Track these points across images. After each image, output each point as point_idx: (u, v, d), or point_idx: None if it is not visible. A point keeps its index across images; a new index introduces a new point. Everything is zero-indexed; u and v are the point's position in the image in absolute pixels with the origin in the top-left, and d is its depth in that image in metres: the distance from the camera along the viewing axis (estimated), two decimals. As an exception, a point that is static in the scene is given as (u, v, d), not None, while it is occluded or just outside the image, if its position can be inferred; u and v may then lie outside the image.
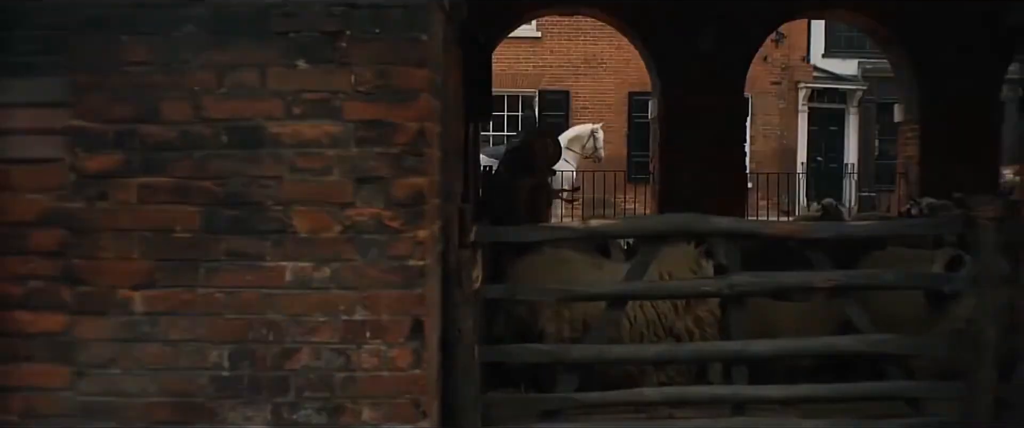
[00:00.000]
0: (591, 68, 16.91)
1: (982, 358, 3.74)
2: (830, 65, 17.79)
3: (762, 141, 17.60)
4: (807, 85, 17.61)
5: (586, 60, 16.79)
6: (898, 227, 3.93)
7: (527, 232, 3.89)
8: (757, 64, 17.46)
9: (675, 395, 3.78)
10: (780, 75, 17.43)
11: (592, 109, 17.21)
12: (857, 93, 18.15)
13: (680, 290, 3.85)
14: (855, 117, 18.21)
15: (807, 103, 17.79)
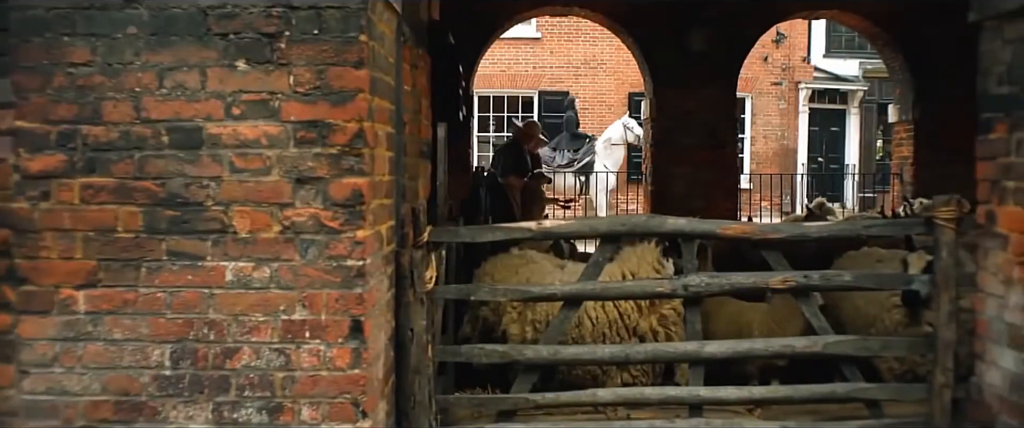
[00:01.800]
0: (591, 69, 16.88)
1: (940, 359, 3.72)
2: (831, 65, 17.67)
3: (762, 142, 17.51)
4: (808, 85, 17.51)
5: (586, 61, 16.77)
6: (856, 228, 3.90)
7: (481, 232, 3.88)
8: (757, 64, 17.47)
9: (630, 396, 3.77)
10: (780, 75, 17.33)
11: (592, 110, 17.19)
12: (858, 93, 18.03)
13: (633, 290, 3.84)
14: (856, 117, 18.07)
15: (808, 103, 17.68)
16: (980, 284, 3.68)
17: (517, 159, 9.00)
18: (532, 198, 8.44)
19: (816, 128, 17.94)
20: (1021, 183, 3.39)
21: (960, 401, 3.77)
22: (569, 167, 15.05)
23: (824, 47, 17.85)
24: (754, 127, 17.54)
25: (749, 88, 17.37)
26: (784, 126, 17.54)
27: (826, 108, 18.03)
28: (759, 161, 17.30)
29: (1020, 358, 3.39)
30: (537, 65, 17.23)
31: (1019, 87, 3.42)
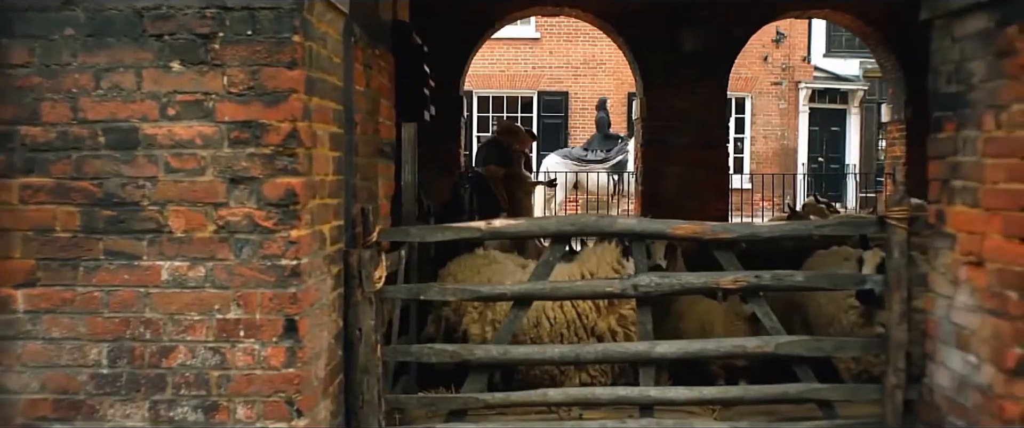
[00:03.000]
0: (590, 69, 16.86)
1: (891, 360, 3.69)
2: (831, 65, 17.56)
3: (762, 142, 17.43)
4: (808, 85, 17.41)
5: (585, 61, 16.75)
6: (808, 228, 3.87)
7: (431, 232, 3.89)
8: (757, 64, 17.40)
9: (580, 396, 3.76)
10: (780, 75, 17.25)
11: (591, 110, 17.15)
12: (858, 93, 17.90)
13: (583, 290, 3.83)
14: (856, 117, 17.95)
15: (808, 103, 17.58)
16: (930, 284, 3.65)
17: (499, 153, 9.00)
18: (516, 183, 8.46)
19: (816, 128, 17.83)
20: (968, 182, 3.36)
21: (913, 402, 3.74)
22: (602, 164, 15.01)
23: (824, 47, 17.75)
24: (754, 127, 17.46)
25: (749, 88, 17.30)
26: (784, 126, 17.45)
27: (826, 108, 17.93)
28: (759, 161, 17.22)
29: (966, 359, 3.36)
30: (536, 65, 17.22)
31: (966, 86, 3.39)
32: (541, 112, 17.35)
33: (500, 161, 8.84)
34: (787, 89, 17.28)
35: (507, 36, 17.02)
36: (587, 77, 17.04)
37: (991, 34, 3.20)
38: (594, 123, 16.36)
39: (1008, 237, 3.09)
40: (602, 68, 16.73)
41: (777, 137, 17.40)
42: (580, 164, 15.06)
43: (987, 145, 3.23)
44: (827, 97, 17.82)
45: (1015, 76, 3.06)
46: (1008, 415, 3.08)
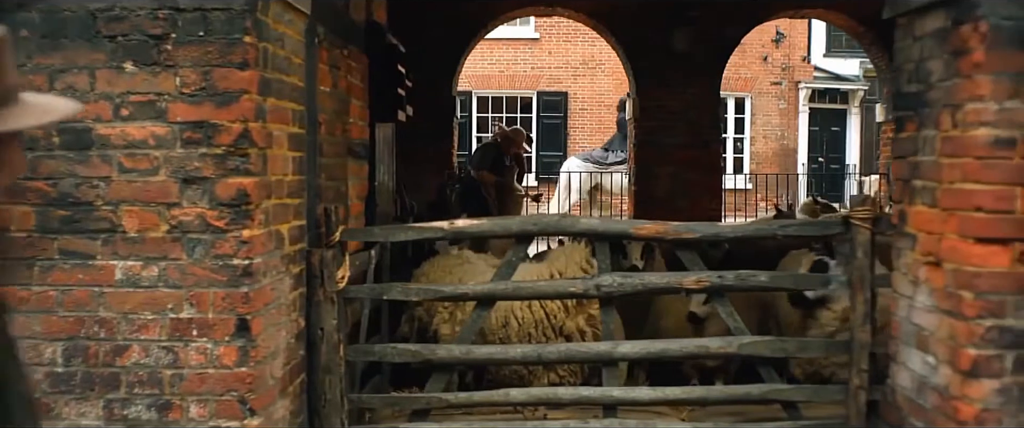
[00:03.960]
0: (589, 69, 16.84)
1: (855, 361, 3.68)
2: (831, 65, 17.48)
3: (762, 142, 17.37)
4: (808, 85, 17.33)
5: (584, 61, 16.73)
6: (772, 228, 3.86)
7: (395, 232, 3.90)
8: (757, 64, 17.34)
9: (543, 396, 3.76)
10: (780, 75, 17.18)
11: (590, 110, 17.15)
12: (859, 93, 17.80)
13: (546, 290, 3.83)
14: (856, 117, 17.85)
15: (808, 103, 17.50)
16: (893, 285, 3.63)
17: (494, 158, 9.02)
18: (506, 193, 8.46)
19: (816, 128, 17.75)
20: (927, 182, 3.34)
21: (877, 403, 3.72)
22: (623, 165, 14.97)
23: (824, 47, 17.66)
24: (754, 127, 17.40)
25: (749, 88, 17.24)
26: (784, 126, 17.39)
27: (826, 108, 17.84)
28: (759, 161, 17.16)
29: (924, 360, 3.35)
30: (535, 65, 17.22)
31: (926, 85, 3.38)
32: (540, 112, 17.34)
33: (494, 167, 8.83)
34: (787, 89, 17.22)
35: (506, 36, 17.04)
36: (586, 77, 17.02)
37: (948, 33, 3.19)
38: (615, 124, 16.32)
39: (963, 237, 3.07)
40: (601, 68, 16.70)
41: (777, 137, 17.33)
42: (600, 166, 15.03)
43: (944, 144, 3.22)
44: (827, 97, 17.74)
45: (969, 75, 3.05)
46: (962, 417, 3.07)
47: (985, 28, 2.96)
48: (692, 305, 4.35)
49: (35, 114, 1.23)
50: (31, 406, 1.36)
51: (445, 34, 9.83)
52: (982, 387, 3.02)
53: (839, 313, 4.02)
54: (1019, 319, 3.01)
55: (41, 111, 1.25)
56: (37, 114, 1.24)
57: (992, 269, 3.00)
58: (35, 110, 1.24)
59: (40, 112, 1.24)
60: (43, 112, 1.25)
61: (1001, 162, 2.99)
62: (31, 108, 1.23)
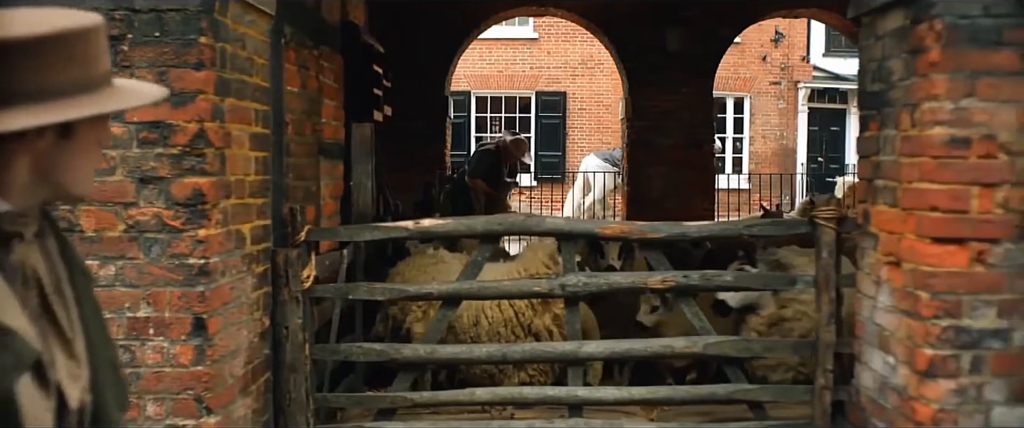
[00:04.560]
0: (588, 69, 16.82)
1: (820, 361, 3.67)
2: (830, 64, 17.40)
3: (761, 142, 17.31)
4: (807, 85, 17.26)
5: (583, 61, 16.71)
6: (738, 228, 3.84)
7: (359, 231, 3.91)
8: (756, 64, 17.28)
9: (508, 395, 3.77)
10: (780, 75, 17.12)
11: (589, 110, 17.14)
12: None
13: (510, 290, 3.83)
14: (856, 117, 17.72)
15: (807, 103, 17.43)
16: (857, 285, 3.63)
17: (491, 167, 8.91)
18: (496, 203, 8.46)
19: (816, 128, 17.68)
20: (888, 182, 3.34)
21: (844, 403, 3.71)
22: None
23: (824, 46, 17.59)
24: (753, 127, 17.34)
25: (748, 87, 17.19)
26: (783, 126, 17.32)
27: (826, 108, 17.76)
28: (758, 161, 17.11)
29: (885, 360, 3.34)
30: (534, 65, 17.21)
31: (887, 84, 3.37)
32: (539, 112, 17.33)
33: (490, 175, 8.71)
34: (786, 89, 17.15)
35: (505, 36, 17.05)
36: (585, 77, 17.00)
37: (906, 32, 3.18)
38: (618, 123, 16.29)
39: (920, 237, 3.07)
40: (600, 68, 16.66)
41: (776, 137, 17.27)
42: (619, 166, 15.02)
43: (903, 144, 3.21)
44: (826, 97, 17.66)
45: (925, 74, 3.04)
46: (919, 417, 3.06)
47: (940, 27, 2.95)
48: (640, 315, 4.37)
49: (128, 97, 1.29)
50: (118, 371, 1.42)
51: (438, 34, 9.85)
52: (938, 387, 3.01)
53: (766, 318, 4.05)
54: (976, 319, 3.00)
55: (132, 95, 1.31)
56: (129, 97, 1.30)
57: (948, 269, 2.99)
58: (127, 94, 1.30)
59: (132, 95, 1.31)
60: (134, 96, 1.31)
61: (956, 161, 2.98)
62: (123, 92, 1.29)
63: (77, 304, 1.34)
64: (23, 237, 1.26)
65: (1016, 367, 3.01)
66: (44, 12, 1.25)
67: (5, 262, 1.22)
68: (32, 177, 1.23)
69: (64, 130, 1.21)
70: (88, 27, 1.23)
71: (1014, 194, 2.97)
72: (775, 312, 4.11)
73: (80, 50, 1.22)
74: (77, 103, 1.20)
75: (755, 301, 4.06)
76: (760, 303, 4.06)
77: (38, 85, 1.18)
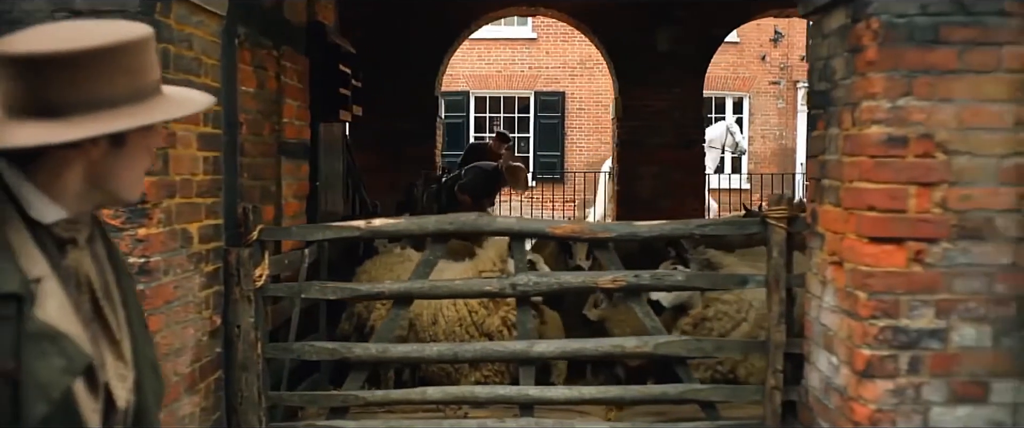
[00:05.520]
0: (586, 69, 16.79)
1: (771, 361, 3.66)
2: (830, 63, 17.30)
3: (760, 141, 17.24)
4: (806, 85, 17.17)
5: (581, 61, 16.69)
6: (689, 227, 3.83)
7: (312, 231, 3.93)
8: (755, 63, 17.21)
9: (459, 394, 3.78)
10: (779, 74, 17.04)
11: (588, 110, 17.12)
12: (859, 91, 17.57)
13: (461, 289, 3.84)
14: (855, 116, 17.63)
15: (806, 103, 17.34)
16: (806, 285, 3.61)
17: (487, 184, 8.80)
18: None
19: (815, 127, 17.59)
20: (833, 181, 3.32)
21: (795, 403, 3.70)
22: None
23: (823, 45, 17.50)
24: (752, 127, 17.28)
25: (747, 87, 17.13)
26: (782, 126, 17.24)
27: (825, 107, 17.67)
28: (757, 161, 17.04)
29: (830, 360, 3.33)
30: (533, 65, 17.22)
31: (831, 83, 3.36)
32: (538, 112, 17.33)
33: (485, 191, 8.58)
34: (785, 88, 17.08)
35: (503, 36, 17.07)
36: (584, 77, 16.98)
37: (847, 30, 3.17)
38: None
39: (859, 236, 3.05)
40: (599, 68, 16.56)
41: (775, 137, 17.20)
42: None
43: (845, 143, 3.20)
44: (826, 96, 17.56)
45: (863, 73, 3.03)
46: (857, 417, 3.05)
47: (876, 25, 2.94)
48: (586, 308, 4.37)
49: (177, 106, 1.33)
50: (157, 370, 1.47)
51: (428, 34, 9.87)
52: (876, 388, 3.00)
53: (693, 318, 4.05)
54: (914, 319, 2.99)
55: (181, 103, 1.34)
56: (179, 106, 1.33)
57: (886, 269, 2.98)
58: (177, 102, 1.33)
59: (181, 104, 1.34)
60: (183, 104, 1.35)
61: (893, 160, 2.97)
62: (173, 100, 1.33)
63: (123, 306, 1.38)
64: (77, 242, 1.31)
65: (954, 367, 2.99)
66: (96, 25, 1.31)
67: (61, 267, 1.27)
68: (85, 184, 1.28)
69: (116, 139, 1.26)
70: (139, 38, 1.28)
71: (952, 194, 2.96)
72: (700, 312, 4.11)
73: (131, 61, 1.26)
74: (130, 113, 1.25)
75: (686, 301, 4.07)
76: (690, 303, 4.06)
77: (92, 96, 1.23)
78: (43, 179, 1.26)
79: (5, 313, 1.17)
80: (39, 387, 1.19)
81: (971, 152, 2.95)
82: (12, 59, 1.23)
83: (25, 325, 1.19)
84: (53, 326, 1.22)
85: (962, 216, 2.96)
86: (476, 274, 4.15)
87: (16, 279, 1.18)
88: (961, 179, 2.95)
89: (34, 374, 1.19)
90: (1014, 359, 2.98)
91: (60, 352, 1.22)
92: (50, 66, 1.21)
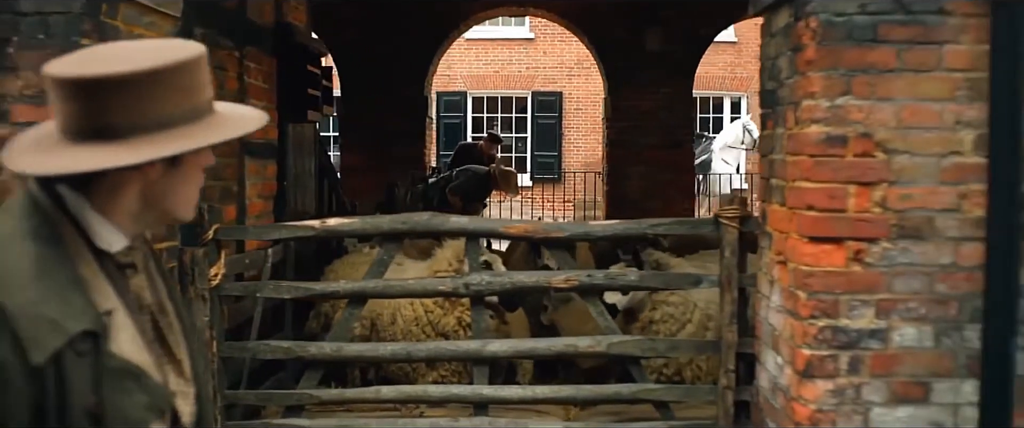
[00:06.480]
0: (584, 69, 16.74)
1: (723, 361, 3.66)
2: (828, 62, 17.20)
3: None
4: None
5: (579, 61, 16.66)
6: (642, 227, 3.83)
7: (267, 230, 3.95)
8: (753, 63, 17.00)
9: (413, 394, 3.79)
10: (776, 73, 16.97)
11: (585, 110, 17.10)
12: (857, 91, 17.45)
13: (415, 289, 3.84)
14: (853, 116, 17.53)
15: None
16: (757, 285, 3.61)
17: (479, 187, 8.82)
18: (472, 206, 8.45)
19: (813, 127, 17.49)
20: (778, 181, 3.32)
21: (748, 403, 3.69)
22: None
23: (821, 44, 17.40)
24: (750, 126, 17.21)
25: (745, 87, 17.07)
26: (780, 125, 17.16)
27: (823, 106, 17.56)
28: (755, 161, 16.96)
29: (776, 360, 3.32)
30: (530, 66, 17.21)
31: (778, 82, 3.35)
32: (535, 112, 17.33)
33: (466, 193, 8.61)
34: (783, 88, 17.01)
35: (501, 37, 17.08)
36: (581, 77, 16.97)
37: (791, 29, 3.16)
38: None
39: (801, 236, 3.05)
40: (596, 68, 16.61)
41: (773, 136, 17.11)
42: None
43: (789, 142, 3.19)
44: (824, 96, 17.45)
45: (803, 72, 3.02)
46: (798, 418, 3.05)
47: (815, 24, 2.94)
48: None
49: (233, 126, 1.31)
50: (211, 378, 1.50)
51: (417, 35, 9.89)
52: (816, 388, 2.99)
53: (641, 322, 4.05)
54: (854, 319, 2.98)
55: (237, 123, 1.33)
56: (235, 125, 1.32)
57: (825, 268, 2.97)
58: (232, 122, 1.32)
59: (236, 123, 1.33)
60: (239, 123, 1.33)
61: (833, 160, 2.96)
62: (228, 119, 1.32)
63: (177, 318, 1.39)
64: (136, 267, 1.31)
65: (895, 367, 2.98)
66: (149, 45, 1.31)
67: (126, 294, 1.27)
68: (141, 205, 1.28)
69: (173, 159, 1.25)
70: (194, 57, 1.27)
71: (892, 193, 2.95)
72: (648, 314, 4.11)
73: (187, 80, 1.25)
74: (188, 133, 1.24)
75: (637, 304, 4.07)
76: (640, 306, 4.06)
77: (151, 117, 1.22)
78: (101, 202, 1.26)
79: (82, 349, 1.17)
80: (126, 424, 1.21)
81: (911, 151, 2.94)
82: (69, 82, 1.22)
83: (104, 361, 1.19)
84: (133, 362, 1.23)
85: (902, 215, 2.95)
86: (432, 274, 4.16)
87: (90, 315, 1.19)
88: (901, 178, 2.94)
89: (120, 411, 1.20)
90: (955, 359, 2.97)
91: (142, 389, 1.23)
92: (109, 88, 1.20)
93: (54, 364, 1.15)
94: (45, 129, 1.32)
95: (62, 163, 1.21)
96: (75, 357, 1.17)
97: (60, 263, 1.20)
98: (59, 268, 1.20)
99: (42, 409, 1.15)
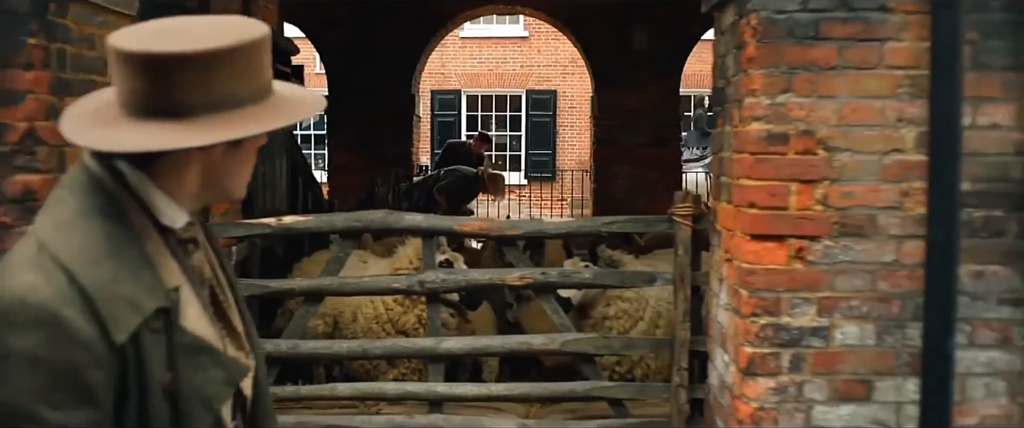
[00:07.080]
0: (578, 67, 16.68)
1: (676, 360, 3.66)
2: (823, 60, 17.15)
3: (753, 139, 17.11)
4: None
5: (573, 59, 16.60)
6: (596, 225, 3.83)
7: (226, 229, 3.95)
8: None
9: (369, 391, 3.80)
10: (771, 72, 16.91)
11: (579, 108, 17.09)
12: (852, 89, 17.36)
13: (370, 287, 3.85)
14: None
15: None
16: (709, 283, 3.61)
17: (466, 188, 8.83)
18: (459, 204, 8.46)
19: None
20: (726, 178, 3.32)
21: (702, 401, 3.69)
22: (698, 162, 14.72)
23: (815, 42, 17.34)
24: (744, 125, 17.18)
25: (739, 85, 17.01)
26: (774, 123, 17.11)
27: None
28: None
29: (723, 358, 3.32)
30: (524, 64, 17.22)
31: (725, 80, 3.35)
32: (529, 111, 17.34)
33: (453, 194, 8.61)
34: (778, 86, 16.96)
35: (495, 35, 17.08)
36: (575, 75, 16.95)
37: (735, 27, 3.16)
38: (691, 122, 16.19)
39: (744, 234, 3.05)
40: (590, 67, 16.64)
41: (768, 135, 17.05)
42: None
43: (734, 140, 3.19)
44: (818, 94, 17.39)
45: (746, 70, 3.02)
46: (740, 416, 3.04)
47: (756, 21, 2.93)
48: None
49: (295, 109, 1.28)
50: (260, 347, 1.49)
51: (404, 34, 9.91)
52: (758, 386, 2.99)
53: (594, 318, 4.05)
54: (795, 317, 2.97)
55: (298, 106, 1.29)
56: (296, 108, 1.28)
57: (767, 266, 2.97)
58: (293, 105, 1.29)
59: (298, 107, 1.29)
60: (300, 107, 1.30)
61: (774, 157, 2.95)
62: (289, 102, 1.28)
63: (231, 290, 1.40)
64: (197, 242, 1.32)
65: (837, 365, 2.98)
66: (217, 21, 1.27)
67: (189, 270, 1.28)
68: (201, 184, 1.27)
69: (235, 140, 1.22)
70: (260, 38, 1.24)
71: (834, 191, 2.95)
72: (602, 310, 4.11)
73: (252, 60, 1.22)
74: (253, 114, 1.21)
75: (590, 300, 4.07)
76: (594, 302, 4.06)
77: (217, 96, 1.19)
78: (162, 180, 1.24)
79: (156, 327, 1.17)
80: (204, 400, 1.21)
81: (852, 149, 2.94)
82: (139, 57, 1.18)
83: (177, 337, 1.20)
84: (205, 338, 1.24)
85: (844, 213, 2.94)
86: (393, 272, 4.17)
87: (162, 292, 1.19)
88: (843, 176, 2.94)
89: (197, 388, 1.21)
90: (897, 357, 2.97)
91: (217, 363, 1.24)
92: (179, 66, 1.17)
93: (133, 343, 1.15)
94: (101, 99, 1.29)
95: (133, 140, 1.18)
96: (151, 334, 1.17)
97: (129, 241, 1.19)
98: (129, 246, 1.19)
99: (125, 387, 1.16)
